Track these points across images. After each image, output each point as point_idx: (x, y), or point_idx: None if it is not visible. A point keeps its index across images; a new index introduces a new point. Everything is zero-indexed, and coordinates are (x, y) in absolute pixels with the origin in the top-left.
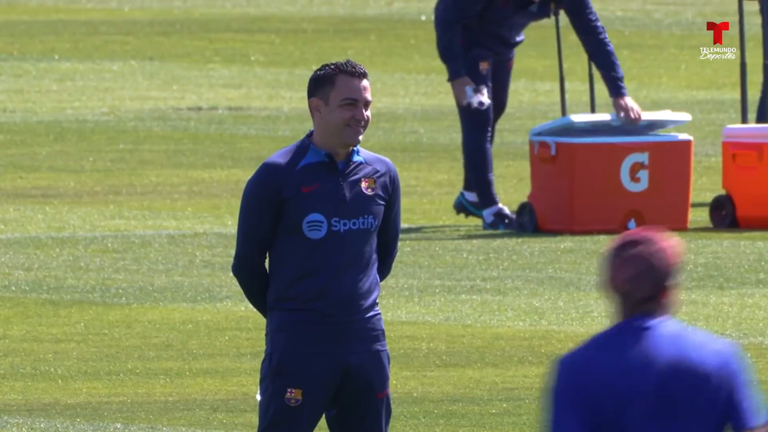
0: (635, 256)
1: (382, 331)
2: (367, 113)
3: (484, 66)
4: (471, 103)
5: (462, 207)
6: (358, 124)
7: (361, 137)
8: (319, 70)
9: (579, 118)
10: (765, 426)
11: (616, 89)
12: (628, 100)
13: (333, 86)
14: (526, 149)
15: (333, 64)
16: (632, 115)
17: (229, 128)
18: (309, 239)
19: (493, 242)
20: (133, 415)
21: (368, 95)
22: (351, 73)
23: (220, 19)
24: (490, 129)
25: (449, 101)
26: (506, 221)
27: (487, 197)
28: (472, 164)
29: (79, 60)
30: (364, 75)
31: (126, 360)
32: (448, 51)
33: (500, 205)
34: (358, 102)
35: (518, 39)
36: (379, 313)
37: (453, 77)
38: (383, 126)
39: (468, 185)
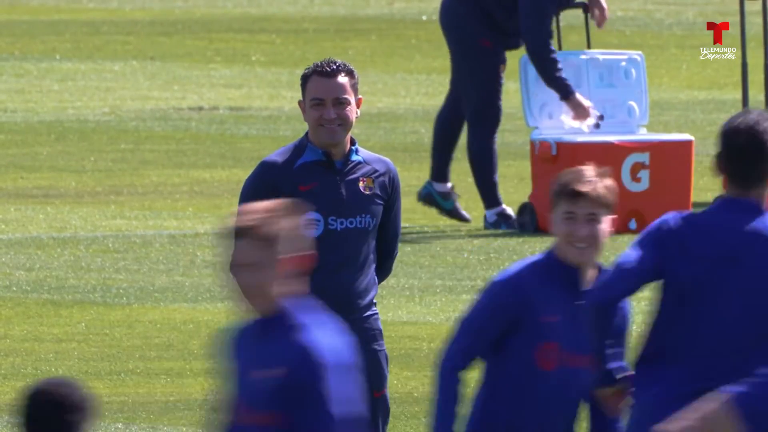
0: None
1: (380, 330)
2: (344, 111)
3: (503, 68)
4: (596, 123)
5: (428, 197)
6: (330, 123)
7: (338, 136)
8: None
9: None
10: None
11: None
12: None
13: (306, 87)
14: (526, 149)
15: (313, 63)
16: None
17: (230, 128)
18: None
19: (494, 242)
20: (134, 415)
21: (341, 93)
22: (320, 72)
23: (221, 19)
24: (497, 130)
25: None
26: (509, 222)
27: (491, 198)
28: (479, 165)
29: (81, 60)
30: (335, 73)
31: (127, 360)
32: (557, 68)
33: (504, 206)
34: (324, 101)
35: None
36: (376, 313)
37: (568, 94)
38: (384, 126)
39: (436, 176)
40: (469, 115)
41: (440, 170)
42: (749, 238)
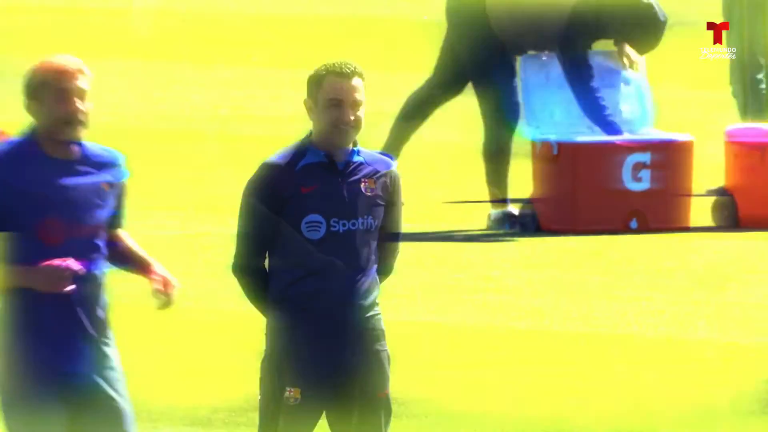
0: None
1: (382, 331)
2: (358, 113)
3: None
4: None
5: None
6: (346, 125)
7: (351, 138)
8: (314, 70)
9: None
10: None
11: None
12: None
13: (320, 87)
14: (528, 149)
15: (325, 64)
16: None
17: (232, 128)
18: (308, 239)
19: (496, 242)
20: (135, 415)
21: (357, 95)
22: (337, 73)
23: (222, 18)
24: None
25: (451, 101)
26: (512, 221)
27: (500, 197)
28: (493, 163)
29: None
30: (352, 75)
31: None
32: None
33: (510, 207)
34: (342, 103)
35: None
36: (378, 313)
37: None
38: (386, 126)
39: (388, 149)
40: (487, 112)
41: (393, 146)
42: None
